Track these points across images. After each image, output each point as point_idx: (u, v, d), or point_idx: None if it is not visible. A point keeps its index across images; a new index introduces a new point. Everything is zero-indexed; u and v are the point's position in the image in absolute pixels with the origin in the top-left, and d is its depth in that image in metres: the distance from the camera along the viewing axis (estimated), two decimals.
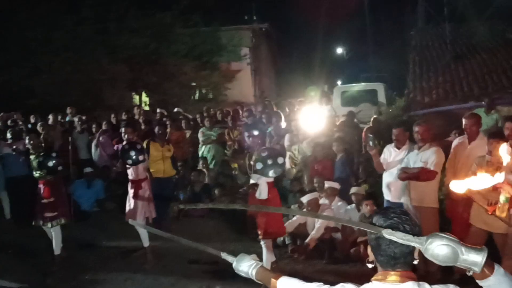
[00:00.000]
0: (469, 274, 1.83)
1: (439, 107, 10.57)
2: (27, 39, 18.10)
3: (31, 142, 6.82)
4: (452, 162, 5.96)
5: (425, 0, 19.21)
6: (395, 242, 1.85)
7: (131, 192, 6.76)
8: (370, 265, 2.08)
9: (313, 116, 9.81)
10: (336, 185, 7.22)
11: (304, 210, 7.06)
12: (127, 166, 6.76)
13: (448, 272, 5.20)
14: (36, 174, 6.71)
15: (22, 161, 7.92)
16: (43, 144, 7.33)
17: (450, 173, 5.89)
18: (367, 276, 2.10)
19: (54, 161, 6.48)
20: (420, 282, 1.94)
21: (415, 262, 1.90)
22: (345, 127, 9.87)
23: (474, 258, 1.74)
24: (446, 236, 1.78)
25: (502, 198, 3.76)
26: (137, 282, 6.20)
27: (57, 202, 6.69)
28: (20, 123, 9.82)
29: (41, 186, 6.71)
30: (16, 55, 18.07)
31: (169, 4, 19.89)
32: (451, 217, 5.98)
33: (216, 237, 7.72)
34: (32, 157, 6.77)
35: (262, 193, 5.79)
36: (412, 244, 1.82)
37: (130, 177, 6.81)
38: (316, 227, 6.74)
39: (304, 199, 6.93)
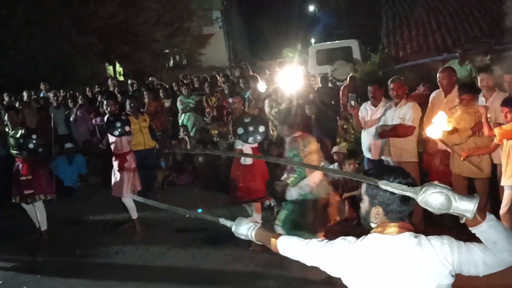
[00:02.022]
0: (462, 221, 1.92)
1: (413, 61, 10.66)
2: None
3: (10, 119, 6.65)
4: (430, 115, 6.05)
5: None
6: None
7: (115, 165, 6.67)
8: (373, 225, 2.15)
9: (290, 78, 9.81)
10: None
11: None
12: (113, 137, 6.65)
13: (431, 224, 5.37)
14: (14, 151, 6.63)
15: (1, 142, 7.82)
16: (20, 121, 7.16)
17: (427, 125, 6.01)
18: (353, 234, 2.20)
19: (34, 142, 6.41)
20: (417, 234, 2.05)
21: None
22: (320, 89, 9.94)
23: (466, 205, 1.82)
24: (439, 184, 1.86)
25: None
26: (128, 254, 6.23)
27: (34, 180, 6.62)
28: None
29: (19, 163, 6.65)
30: None
31: None
32: (428, 169, 6.14)
33: (202, 204, 7.76)
34: (10, 134, 6.64)
35: (247, 158, 5.82)
36: (407, 193, 1.91)
37: (114, 150, 6.72)
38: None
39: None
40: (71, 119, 10.25)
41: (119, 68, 20.55)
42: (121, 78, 17.98)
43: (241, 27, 29.13)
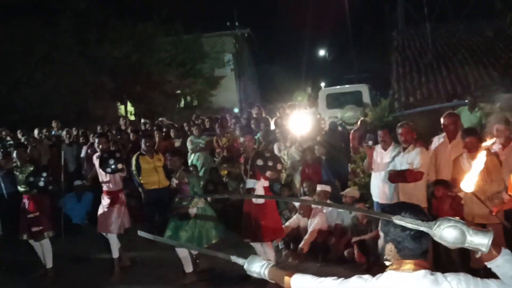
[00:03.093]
0: (477, 256, 1.94)
1: (423, 107, 10.72)
2: (5, 53, 17.95)
3: (19, 156, 6.76)
4: (433, 161, 6.06)
5: (405, 1, 19.46)
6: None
7: (106, 202, 6.76)
8: (387, 262, 2.18)
9: (300, 120, 9.89)
10: (328, 188, 7.28)
11: (297, 214, 7.13)
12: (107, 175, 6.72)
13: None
14: (21, 188, 6.68)
15: (11, 178, 7.86)
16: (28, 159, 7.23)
17: (432, 172, 5.98)
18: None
19: (44, 180, 6.47)
20: (433, 272, 2.06)
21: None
22: (329, 131, 10.00)
23: (481, 239, 1.85)
24: (453, 219, 1.90)
25: None
26: None
27: (42, 216, 6.65)
28: (8, 139, 9.75)
29: (25, 200, 6.69)
30: None
31: (149, 13, 19.92)
32: (437, 215, 6.08)
33: (213, 244, 7.71)
34: (18, 171, 6.71)
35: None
36: (421, 228, 1.94)
37: (105, 188, 6.82)
38: (309, 230, 6.80)
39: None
40: (82, 156, 10.33)
41: (130, 108, 20.82)
42: (132, 118, 18.19)
43: (252, 70, 29.55)
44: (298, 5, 28.85)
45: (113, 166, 6.49)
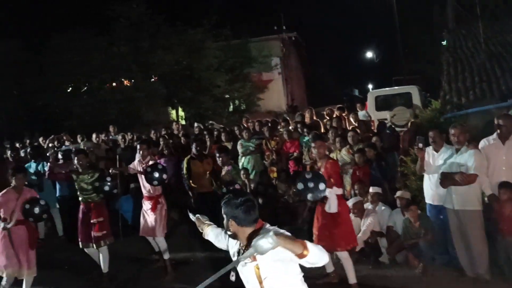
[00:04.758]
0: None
1: (476, 108, 10.49)
2: (64, 61, 18.77)
3: (80, 162, 6.89)
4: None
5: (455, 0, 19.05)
6: None
7: (147, 207, 6.99)
8: (229, 232, 3.07)
9: (350, 122, 9.90)
10: (379, 190, 7.28)
11: (350, 214, 7.09)
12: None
13: None
14: (84, 195, 6.78)
15: (68, 183, 8.21)
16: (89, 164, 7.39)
17: (484, 174, 5.85)
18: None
19: (109, 184, 6.66)
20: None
21: None
22: (379, 133, 9.95)
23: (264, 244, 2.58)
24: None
25: None
26: None
27: (105, 222, 6.80)
28: (68, 143, 10.21)
29: (84, 207, 6.80)
30: (54, 78, 18.78)
31: (199, 20, 20.32)
32: (498, 217, 5.96)
33: None
34: (77, 177, 6.81)
35: (332, 206, 5.77)
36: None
37: (145, 193, 7.05)
38: (362, 229, 6.79)
39: (350, 202, 6.97)
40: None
41: (181, 112, 21.28)
42: (183, 122, 18.60)
43: (299, 73, 29.57)
44: (345, 8, 28.71)
45: (158, 178, 6.70)
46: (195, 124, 12.73)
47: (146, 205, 7.03)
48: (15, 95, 21.00)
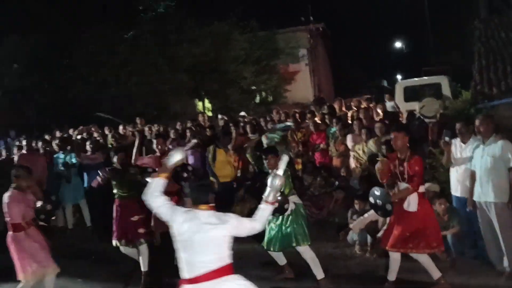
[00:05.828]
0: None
1: (508, 98, 10.23)
2: (92, 55, 19.03)
3: (121, 160, 6.77)
4: None
5: None
6: None
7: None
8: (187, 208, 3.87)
9: (377, 113, 9.75)
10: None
11: None
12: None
13: None
14: (123, 193, 6.65)
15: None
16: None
17: None
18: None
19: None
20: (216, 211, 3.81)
21: None
22: (407, 125, 9.79)
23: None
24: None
25: None
26: None
27: (147, 218, 6.63)
28: (97, 135, 10.36)
29: (120, 204, 6.67)
30: (83, 71, 19.08)
31: (225, 12, 20.29)
32: None
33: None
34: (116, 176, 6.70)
35: (411, 204, 5.33)
36: None
37: (169, 188, 6.92)
38: (387, 222, 6.68)
39: None
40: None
41: (208, 104, 21.35)
42: (210, 114, 18.64)
43: (326, 64, 29.32)
44: None
45: (188, 178, 6.65)
46: (219, 116, 12.76)
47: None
48: (46, 88, 21.39)
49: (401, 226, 5.37)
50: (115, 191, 6.71)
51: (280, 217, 5.90)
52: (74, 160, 9.39)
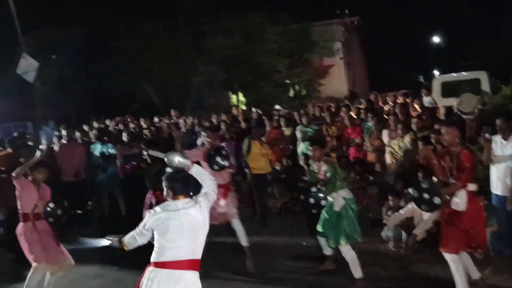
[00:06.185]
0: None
1: None
2: (127, 46, 19.29)
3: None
4: None
5: None
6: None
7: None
8: (169, 199, 3.91)
9: (414, 108, 9.60)
10: None
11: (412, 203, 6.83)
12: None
13: None
14: (150, 183, 6.76)
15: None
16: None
17: None
18: None
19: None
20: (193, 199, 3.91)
21: None
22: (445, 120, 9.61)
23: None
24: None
25: None
26: (246, 276, 6.41)
27: None
28: (133, 126, 10.53)
29: (151, 195, 6.77)
30: (118, 63, 19.35)
31: (259, 4, 20.23)
32: None
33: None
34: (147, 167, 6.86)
35: (460, 203, 5.06)
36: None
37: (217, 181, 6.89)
38: (425, 219, 6.58)
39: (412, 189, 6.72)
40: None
41: (241, 97, 21.39)
42: (243, 107, 18.69)
43: (361, 58, 28.99)
44: None
45: (219, 164, 6.49)
46: (253, 109, 12.79)
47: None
48: (83, 79, 21.85)
49: (451, 226, 5.16)
50: (146, 180, 6.90)
51: (332, 211, 5.75)
52: (110, 151, 9.55)
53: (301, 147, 10.17)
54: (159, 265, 3.71)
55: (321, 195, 5.69)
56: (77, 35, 20.73)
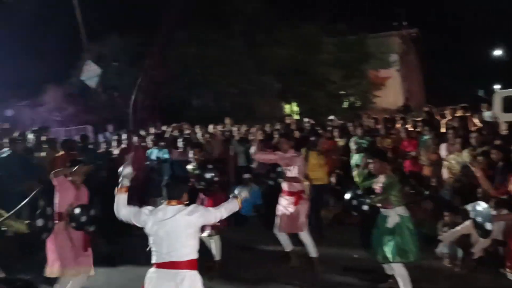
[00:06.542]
0: None
1: None
2: (184, 55, 19.70)
3: (195, 156, 7.18)
4: None
5: None
6: None
7: (289, 201, 6.76)
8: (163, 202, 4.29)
9: (472, 122, 9.33)
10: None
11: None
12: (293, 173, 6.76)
13: None
14: (199, 185, 6.79)
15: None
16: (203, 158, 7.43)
17: None
18: None
19: (211, 173, 6.52)
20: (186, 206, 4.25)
21: None
22: (507, 135, 9.26)
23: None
24: None
25: None
26: (296, 285, 6.41)
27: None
28: (188, 132, 10.73)
29: (201, 195, 6.86)
30: (175, 71, 19.80)
31: (315, 14, 20.20)
32: None
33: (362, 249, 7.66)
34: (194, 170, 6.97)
35: None
36: None
37: (286, 189, 6.80)
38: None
39: (470, 206, 6.54)
40: (251, 152, 10.90)
41: (295, 107, 21.38)
42: (297, 117, 18.67)
43: (418, 70, 28.41)
44: (470, 3, 26.94)
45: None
46: (305, 119, 12.77)
47: (287, 200, 6.80)
48: (142, 86, 22.48)
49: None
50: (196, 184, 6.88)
51: (385, 227, 5.58)
52: (166, 156, 9.78)
53: (355, 158, 10.06)
54: (160, 266, 4.06)
55: (366, 200, 5.48)
56: (137, 43, 21.43)
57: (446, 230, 6.95)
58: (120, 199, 4.39)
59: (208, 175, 6.53)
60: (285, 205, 6.83)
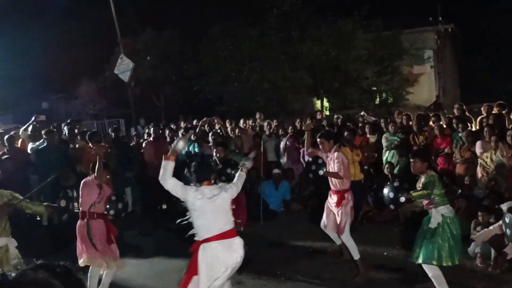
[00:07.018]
0: None
1: None
2: (218, 50, 19.83)
3: (218, 154, 7.22)
4: None
5: None
6: None
7: (333, 202, 6.63)
8: (193, 184, 4.65)
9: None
10: None
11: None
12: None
13: None
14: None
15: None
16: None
17: None
18: None
19: (233, 169, 6.41)
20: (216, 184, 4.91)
21: None
22: None
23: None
24: None
25: None
26: (326, 281, 6.39)
27: (238, 210, 6.54)
28: (218, 126, 10.77)
29: None
30: (208, 66, 19.96)
31: (350, 10, 19.99)
32: None
33: (400, 245, 7.58)
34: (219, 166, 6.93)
35: None
36: None
37: (332, 187, 6.67)
38: None
39: (504, 206, 6.39)
40: (281, 147, 10.91)
41: (326, 103, 21.23)
42: (327, 113, 18.54)
43: (454, 67, 27.76)
44: None
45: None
46: (335, 116, 12.68)
47: (332, 198, 6.68)
48: (174, 81, 22.76)
49: None
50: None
51: (427, 227, 5.38)
52: (196, 150, 9.86)
53: (387, 155, 9.95)
54: (219, 237, 4.46)
55: (404, 193, 5.33)
56: (171, 38, 21.70)
57: (479, 230, 6.80)
58: (168, 166, 4.45)
59: (230, 171, 6.52)
60: (331, 203, 6.72)
